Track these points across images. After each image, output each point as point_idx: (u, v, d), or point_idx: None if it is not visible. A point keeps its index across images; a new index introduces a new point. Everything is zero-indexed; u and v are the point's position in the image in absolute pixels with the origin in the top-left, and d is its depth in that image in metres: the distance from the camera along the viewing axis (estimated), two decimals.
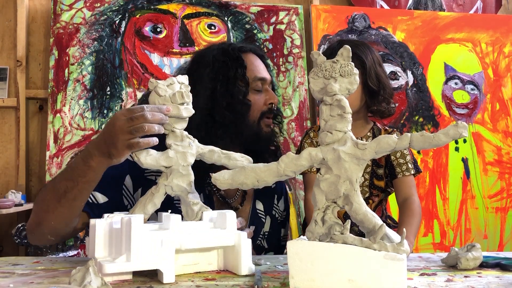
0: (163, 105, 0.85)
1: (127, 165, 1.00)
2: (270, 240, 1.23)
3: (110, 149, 0.85)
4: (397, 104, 2.69)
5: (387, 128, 1.34)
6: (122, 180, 1.07)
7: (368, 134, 1.28)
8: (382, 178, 1.28)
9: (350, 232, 0.70)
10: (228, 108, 1.12)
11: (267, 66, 1.25)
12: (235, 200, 1.19)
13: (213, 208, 0.89)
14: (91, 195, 1.01)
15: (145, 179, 1.08)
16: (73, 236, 1.04)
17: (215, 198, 1.17)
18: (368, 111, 1.29)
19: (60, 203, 0.91)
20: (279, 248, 1.26)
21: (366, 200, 1.27)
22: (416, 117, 2.75)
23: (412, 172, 1.25)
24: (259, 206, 1.23)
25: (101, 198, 1.03)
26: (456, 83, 2.83)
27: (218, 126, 1.10)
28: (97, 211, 1.00)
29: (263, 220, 1.22)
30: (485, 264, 0.88)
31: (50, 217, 0.94)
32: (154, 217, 0.90)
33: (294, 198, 2.52)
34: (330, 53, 1.04)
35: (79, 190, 0.90)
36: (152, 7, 2.59)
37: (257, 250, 1.19)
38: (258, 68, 1.20)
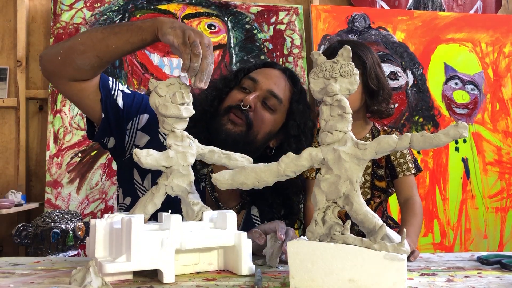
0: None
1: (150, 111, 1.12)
2: None
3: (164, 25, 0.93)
4: (396, 105, 2.70)
5: (386, 128, 1.33)
6: (140, 107, 1.14)
7: (367, 135, 1.28)
8: (383, 178, 1.28)
9: (351, 232, 0.70)
10: (205, 99, 1.16)
11: (294, 84, 1.20)
12: (231, 209, 1.13)
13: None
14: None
15: (156, 134, 1.13)
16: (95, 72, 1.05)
17: (208, 198, 1.16)
18: (367, 112, 1.29)
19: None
20: None
21: (367, 201, 1.26)
22: (416, 117, 2.75)
23: (413, 172, 1.25)
24: (254, 211, 1.21)
25: (121, 103, 1.10)
26: (456, 83, 2.83)
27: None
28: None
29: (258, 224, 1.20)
30: (486, 262, 0.88)
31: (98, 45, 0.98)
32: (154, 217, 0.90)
33: None
34: (330, 53, 1.04)
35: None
36: (152, 7, 2.59)
37: None
38: (263, 74, 1.18)
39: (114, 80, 1.12)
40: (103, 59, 0.99)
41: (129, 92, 1.14)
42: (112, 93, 1.09)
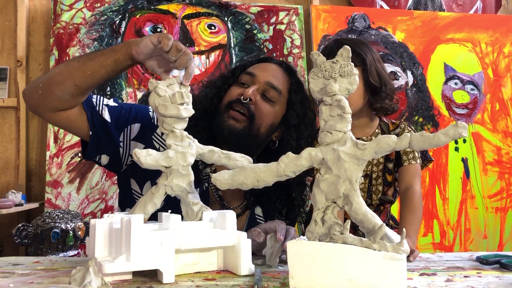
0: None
1: (144, 119, 1.13)
2: None
3: (138, 40, 0.94)
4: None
5: (394, 121, 1.32)
6: (129, 118, 1.13)
7: (377, 131, 1.27)
8: (391, 172, 1.27)
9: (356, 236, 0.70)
10: (205, 98, 1.17)
11: (291, 75, 1.20)
12: (236, 208, 1.16)
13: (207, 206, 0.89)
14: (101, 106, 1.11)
15: (150, 141, 1.13)
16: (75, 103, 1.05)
17: (212, 197, 1.16)
18: (371, 109, 1.28)
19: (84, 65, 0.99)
20: None
21: (377, 207, 1.27)
22: (416, 117, 2.75)
23: (418, 161, 1.24)
24: (258, 211, 1.21)
25: (107, 117, 1.09)
26: (456, 83, 2.83)
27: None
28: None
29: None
30: (485, 262, 0.88)
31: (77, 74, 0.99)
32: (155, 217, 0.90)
33: None
34: (328, 53, 1.03)
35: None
36: (152, 7, 2.59)
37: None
38: (260, 68, 1.19)
39: (97, 96, 1.12)
40: (81, 87, 1.00)
41: (116, 104, 1.13)
42: (97, 109, 1.09)
